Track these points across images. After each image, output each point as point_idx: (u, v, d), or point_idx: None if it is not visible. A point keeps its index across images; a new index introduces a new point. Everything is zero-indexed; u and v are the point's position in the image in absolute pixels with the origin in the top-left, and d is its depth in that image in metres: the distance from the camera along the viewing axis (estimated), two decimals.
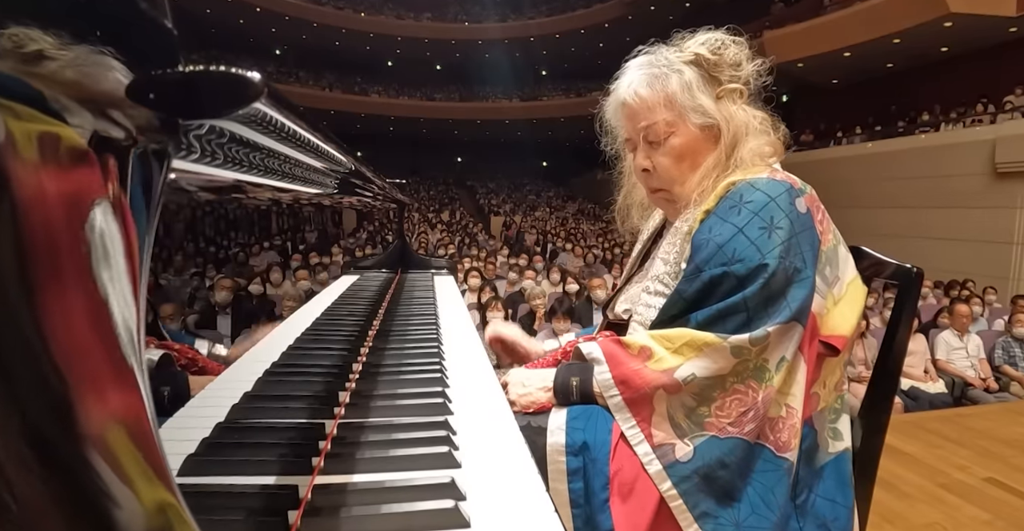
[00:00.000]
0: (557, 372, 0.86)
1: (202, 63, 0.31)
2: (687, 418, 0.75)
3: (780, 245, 0.76)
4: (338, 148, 0.78)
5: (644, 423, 0.76)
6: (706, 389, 0.74)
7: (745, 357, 0.73)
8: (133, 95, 0.26)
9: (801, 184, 0.82)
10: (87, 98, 0.23)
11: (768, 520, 0.73)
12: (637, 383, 0.77)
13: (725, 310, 0.76)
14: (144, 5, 0.28)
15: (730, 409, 0.74)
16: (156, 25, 0.28)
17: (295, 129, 0.55)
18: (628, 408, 0.77)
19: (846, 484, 0.83)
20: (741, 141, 0.84)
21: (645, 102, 0.87)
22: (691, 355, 0.75)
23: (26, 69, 0.20)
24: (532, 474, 0.53)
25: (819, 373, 0.81)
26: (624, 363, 0.79)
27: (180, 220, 0.90)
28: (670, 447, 0.75)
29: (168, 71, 0.29)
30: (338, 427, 0.61)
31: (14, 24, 0.19)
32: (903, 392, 3.71)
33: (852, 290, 0.83)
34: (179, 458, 0.52)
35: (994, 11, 9.43)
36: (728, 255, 0.77)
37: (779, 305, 0.74)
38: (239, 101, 0.34)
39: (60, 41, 0.21)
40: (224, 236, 1.11)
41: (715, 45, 0.87)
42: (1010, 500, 1.96)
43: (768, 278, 0.74)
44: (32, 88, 0.20)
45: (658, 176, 0.89)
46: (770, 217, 0.77)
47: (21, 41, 0.19)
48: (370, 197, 1.66)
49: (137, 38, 0.27)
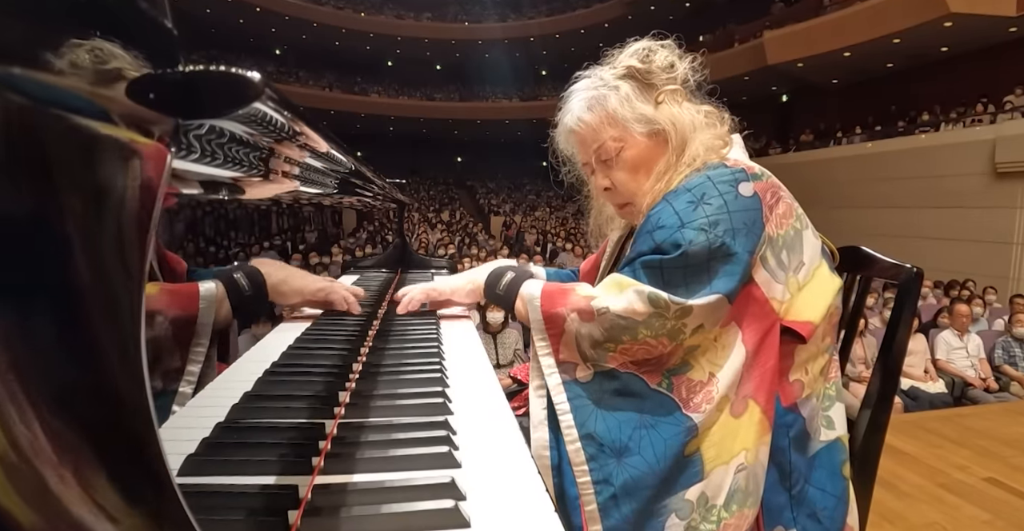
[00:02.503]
0: (495, 267, 0.99)
1: (202, 63, 0.31)
2: (592, 348, 0.78)
3: (704, 217, 0.77)
4: (338, 148, 0.78)
5: (555, 339, 0.80)
6: (616, 328, 0.76)
7: (661, 313, 0.75)
8: (134, 95, 0.26)
9: (759, 171, 0.83)
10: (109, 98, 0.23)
11: (651, 468, 0.73)
12: (558, 299, 0.82)
13: (643, 266, 0.78)
14: (144, 5, 0.28)
15: (635, 353, 0.77)
16: (156, 25, 0.28)
17: (295, 129, 0.55)
18: (544, 321, 0.81)
19: (836, 474, 0.83)
20: (690, 139, 0.86)
21: (590, 126, 0.91)
22: (612, 291, 0.78)
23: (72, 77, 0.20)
24: (532, 474, 0.53)
25: (792, 360, 0.81)
26: (555, 286, 0.85)
27: (180, 220, 0.90)
28: (572, 365, 0.80)
29: (168, 71, 0.29)
30: (338, 427, 0.61)
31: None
32: (903, 392, 3.72)
33: (819, 277, 0.83)
34: (179, 458, 0.52)
35: (994, 11, 9.43)
36: (652, 223, 0.80)
37: (700, 278, 0.76)
38: (239, 101, 0.34)
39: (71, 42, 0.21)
40: (224, 236, 1.11)
41: (643, 54, 0.90)
42: (1010, 500, 1.97)
43: (687, 247, 0.76)
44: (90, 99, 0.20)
45: (619, 192, 0.92)
46: (701, 193, 0.79)
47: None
48: (370, 197, 1.66)
49: (137, 38, 0.27)
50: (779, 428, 0.79)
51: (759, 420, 0.77)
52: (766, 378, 0.77)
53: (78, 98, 0.23)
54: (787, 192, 0.84)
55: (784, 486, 0.80)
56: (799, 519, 0.80)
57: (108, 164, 0.24)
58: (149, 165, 0.27)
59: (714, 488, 0.75)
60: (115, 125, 0.25)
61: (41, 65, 0.21)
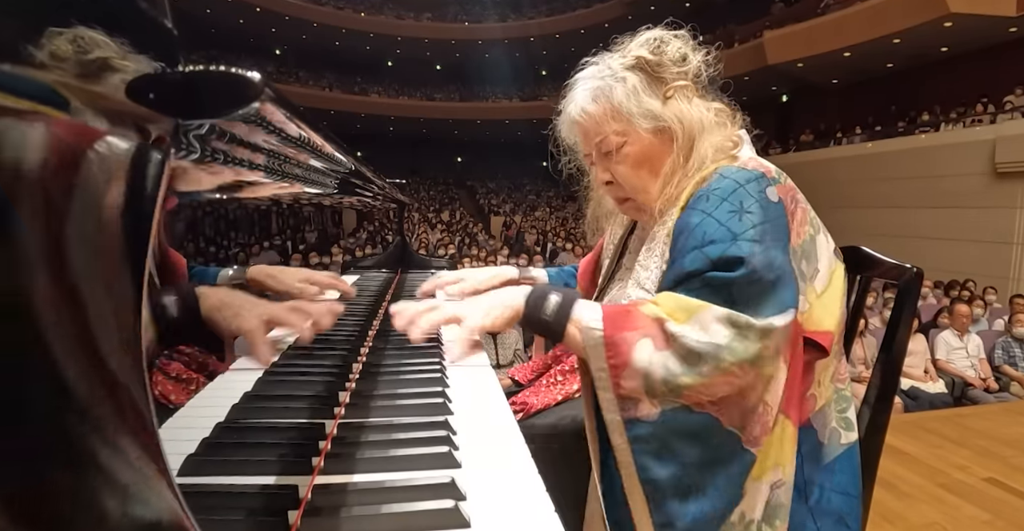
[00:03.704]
0: (532, 288, 0.81)
1: (202, 63, 0.31)
2: (664, 383, 0.68)
3: (752, 228, 0.72)
4: (338, 148, 0.78)
5: (616, 368, 0.70)
6: (694, 356, 0.68)
7: (744, 335, 0.68)
8: (134, 95, 0.26)
9: (776, 173, 0.79)
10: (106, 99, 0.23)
11: (714, 508, 0.69)
12: (624, 323, 0.71)
13: (707, 285, 0.71)
14: (144, 5, 0.28)
15: (716, 388, 0.68)
16: (156, 25, 0.28)
17: (295, 129, 0.55)
18: (605, 347, 0.70)
19: (856, 475, 0.82)
20: (698, 139, 0.82)
21: (593, 118, 0.87)
22: (680, 316, 0.70)
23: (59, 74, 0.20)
24: (532, 474, 0.53)
25: (812, 375, 0.79)
26: (616, 307, 0.75)
27: (180, 220, 0.90)
28: (634, 402, 0.69)
29: (168, 71, 0.29)
30: (338, 427, 0.61)
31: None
32: (903, 392, 3.72)
33: (835, 280, 0.80)
34: (179, 458, 0.52)
35: (994, 11, 9.43)
36: (699, 238, 0.73)
37: (769, 294, 0.70)
38: (239, 101, 0.34)
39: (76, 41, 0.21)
40: (224, 236, 1.11)
41: (654, 45, 0.85)
42: (1010, 500, 1.97)
43: (752, 262, 0.70)
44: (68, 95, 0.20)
45: (620, 186, 0.89)
46: (739, 202, 0.74)
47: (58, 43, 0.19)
48: (370, 197, 1.66)
49: (137, 38, 0.27)
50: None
51: (791, 434, 0.75)
52: (795, 392, 0.75)
53: (78, 98, 0.23)
54: (801, 195, 0.81)
55: (800, 500, 0.78)
56: (824, 528, 0.78)
57: (107, 165, 0.24)
58: (149, 165, 0.27)
59: (750, 503, 0.71)
60: (115, 125, 0.25)
61: (40, 65, 0.21)
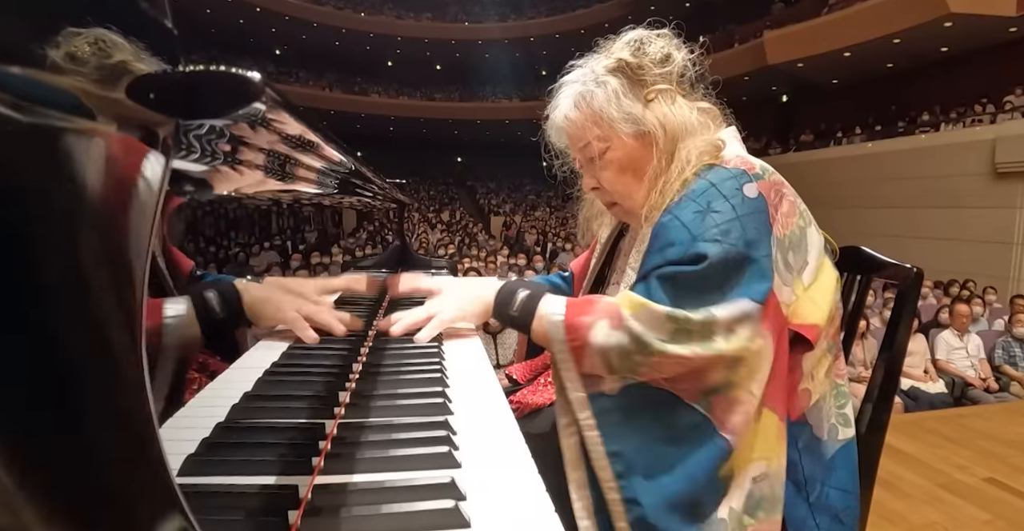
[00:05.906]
0: (504, 284, 0.87)
1: (202, 63, 0.31)
2: (620, 359, 0.73)
3: (715, 227, 0.73)
4: (338, 148, 0.78)
5: (577, 349, 0.75)
6: (643, 342, 0.72)
7: (685, 328, 0.71)
8: (134, 95, 0.26)
9: (760, 169, 0.79)
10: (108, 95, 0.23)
11: (682, 491, 0.70)
12: (583, 309, 0.77)
13: (657, 277, 0.75)
14: (144, 5, 0.28)
15: (668, 368, 0.72)
16: (156, 25, 0.28)
17: (295, 129, 0.55)
18: (566, 330, 0.76)
19: (854, 472, 0.83)
20: (680, 142, 0.82)
21: (575, 124, 0.87)
22: (632, 309, 0.74)
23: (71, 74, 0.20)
24: (532, 474, 0.53)
25: (800, 371, 0.79)
26: (579, 298, 0.80)
27: (180, 220, 0.90)
28: (596, 380, 0.75)
29: (168, 71, 0.29)
30: (338, 427, 0.61)
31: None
32: (903, 392, 3.72)
33: (822, 276, 0.80)
34: (179, 458, 0.52)
35: (994, 11, 9.42)
36: (663, 241, 0.76)
37: (720, 289, 0.72)
38: (239, 101, 0.34)
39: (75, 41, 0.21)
40: (224, 236, 1.11)
41: (635, 46, 0.85)
42: (1010, 500, 1.97)
43: (709, 259, 0.72)
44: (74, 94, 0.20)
45: (607, 191, 0.90)
46: (707, 202, 0.75)
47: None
48: (370, 197, 1.66)
49: (137, 38, 0.27)
50: (789, 441, 0.77)
51: (776, 427, 0.75)
52: (780, 384, 0.75)
53: (78, 98, 0.23)
54: (790, 188, 0.81)
55: (801, 496, 0.79)
56: (822, 524, 0.79)
57: (107, 165, 0.24)
58: (149, 165, 0.27)
59: (735, 496, 0.72)
60: (115, 125, 0.25)
61: (39, 65, 0.21)
